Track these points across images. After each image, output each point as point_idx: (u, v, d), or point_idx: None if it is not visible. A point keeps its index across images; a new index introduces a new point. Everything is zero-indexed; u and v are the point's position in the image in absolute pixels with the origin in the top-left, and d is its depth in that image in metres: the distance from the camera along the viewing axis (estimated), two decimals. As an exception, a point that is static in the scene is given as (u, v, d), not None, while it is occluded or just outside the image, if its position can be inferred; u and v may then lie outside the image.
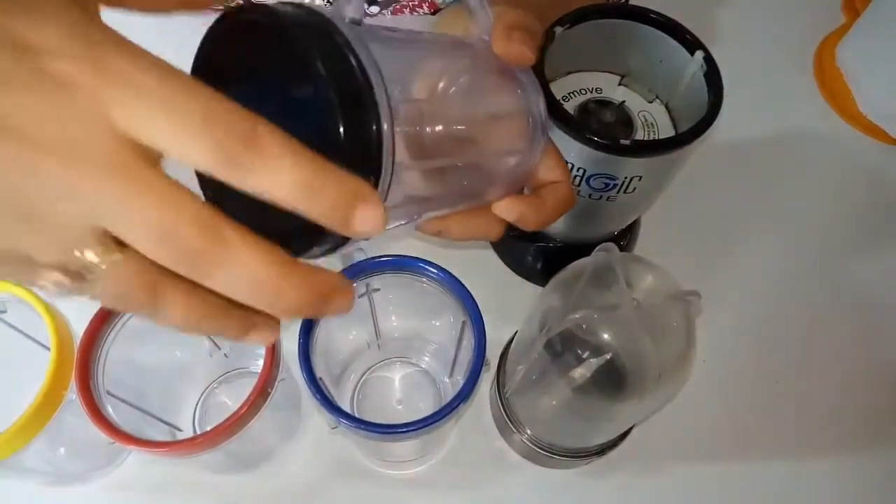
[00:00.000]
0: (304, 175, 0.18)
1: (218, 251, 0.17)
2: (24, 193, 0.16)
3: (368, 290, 0.40)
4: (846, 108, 0.60)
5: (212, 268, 0.18)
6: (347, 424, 0.33)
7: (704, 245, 0.54)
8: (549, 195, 0.33)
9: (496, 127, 0.33)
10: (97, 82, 0.16)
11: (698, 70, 0.37)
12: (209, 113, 0.17)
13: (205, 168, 0.17)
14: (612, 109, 0.41)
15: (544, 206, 0.33)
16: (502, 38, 0.30)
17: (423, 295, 0.39)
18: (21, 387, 0.37)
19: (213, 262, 0.18)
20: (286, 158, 0.18)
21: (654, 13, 0.38)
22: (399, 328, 0.46)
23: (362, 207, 0.19)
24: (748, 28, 0.65)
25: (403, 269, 0.38)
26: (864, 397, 0.49)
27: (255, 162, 0.17)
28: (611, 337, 0.34)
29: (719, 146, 0.57)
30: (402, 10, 0.61)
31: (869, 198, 0.57)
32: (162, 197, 0.17)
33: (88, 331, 0.35)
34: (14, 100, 0.16)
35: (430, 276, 0.37)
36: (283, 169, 0.18)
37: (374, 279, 0.39)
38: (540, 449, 0.43)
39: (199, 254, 0.17)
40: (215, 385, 0.47)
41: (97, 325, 0.35)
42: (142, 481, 0.44)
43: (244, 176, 0.17)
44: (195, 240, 0.17)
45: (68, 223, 0.17)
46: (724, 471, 0.46)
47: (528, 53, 0.30)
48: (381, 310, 0.43)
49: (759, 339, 0.50)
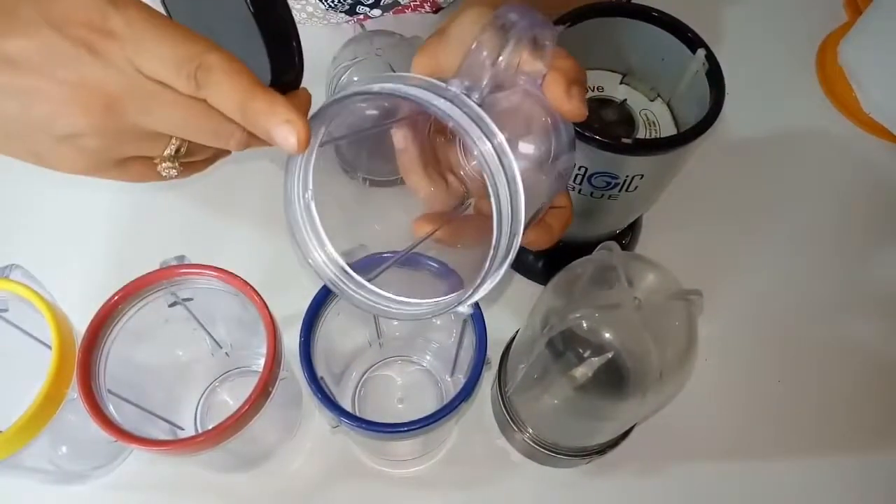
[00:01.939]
0: (238, 97, 0.24)
1: (228, 130, 0.26)
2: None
3: None
4: (848, 106, 0.60)
5: (226, 136, 0.26)
6: (348, 424, 0.33)
7: (706, 244, 0.54)
8: (556, 221, 0.34)
9: (532, 169, 0.33)
10: (112, 45, 0.24)
11: (700, 68, 0.37)
12: (177, 50, 0.24)
13: (175, 85, 0.24)
14: (613, 108, 0.41)
15: (551, 231, 0.34)
16: (563, 91, 0.30)
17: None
18: (22, 386, 0.37)
19: (226, 135, 0.26)
20: (225, 83, 0.24)
21: (656, 11, 0.38)
22: (400, 327, 0.46)
23: (286, 128, 0.25)
24: (750, 26, 0.65)
25: (405, 266, 0.38)
26: (867, 397, 0.48)
27: (205, 83, 0.24)
28: (612, 336, 0.34)
29: (721, 145, 0.57)
30: (403, 10, 0.61)
31: (871, 196, 0.57)
32: (195, 110, 0.26)
33: (90, 329, 0.35)
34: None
35: (432, 270, 0.37)
36: (223, 91, 0.24)
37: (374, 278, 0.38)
38: (541, 448, 0.43)
39: (217, 131, 0.26)
40: (217, 383, 0.47)
41: (99, 323, 0.35)
42: (143, 480, 0.44)
43: (198, 91, 0.24)
44: (214, 127, 0.26)
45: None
46: (725, 470, 0.45)
47: (584, 112, 0.30)
48: (382, 309, 0.43)
49: (760, 338, 0.50)
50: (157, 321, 0.39)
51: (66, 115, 0.24)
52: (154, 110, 0.25)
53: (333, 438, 0.45)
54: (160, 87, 0.24)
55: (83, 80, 0.24)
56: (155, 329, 0.39)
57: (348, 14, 0.59)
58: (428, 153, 0.32)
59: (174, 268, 0.37)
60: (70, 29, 0.23)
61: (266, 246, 0.52)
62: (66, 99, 0.24)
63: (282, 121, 0.25)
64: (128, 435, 0.33)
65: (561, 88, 0.29)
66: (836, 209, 0.56)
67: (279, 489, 0.44)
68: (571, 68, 0.30)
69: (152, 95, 0.24)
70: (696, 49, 0.37)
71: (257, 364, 0.47)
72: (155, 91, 0.24)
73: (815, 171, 0.58)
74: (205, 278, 0.37)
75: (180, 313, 0.40)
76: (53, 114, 0.24)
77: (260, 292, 0.36)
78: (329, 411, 0.33)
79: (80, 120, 0.24)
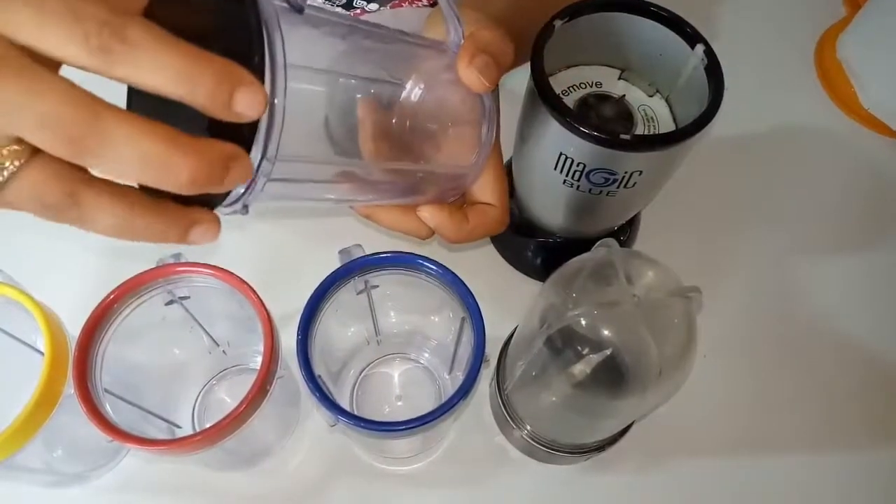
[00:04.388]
0: (176, 63, 0.19)
1: (99, 129, 0.19)
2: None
3: (367, 287, 0.40)
4: (847, 101, 0.60)
5: (98, 147, 0.19)
6: (346, 422, 0.33)
7: (705, 240, 0.54)
8: (476, 215, 0.35)
9: (442, 134, 0.34)
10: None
11: (699, 64, 0.37)
12: (77, 9, 0.18)
13: (77, 61, 0.18)
14: (611, 104, 0.40)
15: (465, 223, 0.34)
16: (465, 60, 0.31)
17: (422, 291, 0.39)
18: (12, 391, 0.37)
19: (98, 140, 0.19)
20: (154, 49, 0.19)
21: (655, 6, 0.38)
22: (398, 325, 0.46)
23: (240, 90, 0.20)
24: (749, 21, 0.65)
25: (402, 266, 0.38)
26: (868, 393, 0.48)
27: (125, 52, 0.18)
28: (611, 333, 0.33)
29: (720, 140, 0.57)
30: (400, 3, 0.61)
31: (869, 191, 0.57)
32: (44, 87, 0.18)
33: (86, 328, 0.35)
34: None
35: (430, 272, 0.37)
36: (152, 58, 0.19)
37: (372, 276, 0.38)
38: (540, 445, 0.43)
39: (84, 135, 0.19)
40: (214, 382, 0.47)
41: (95, 322, 0.35)
42: (140, 480, 0.44)
43: (112, 65, 0.19)
44: (76, 122, 0.18)
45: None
46: (724, 467, 0.45)
47: (483, 83, 0.31)
48: (379, 306, 0.43)
49: (760, 334, 0.50)
50: (154, 320, 0.39)
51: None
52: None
53: (332, 436, 0.45)
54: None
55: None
56: (151, 328, 0.39)
57: (345, 9, 0.59)
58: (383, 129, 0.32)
59: (171, 266, 0.37)
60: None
61: (263, 244, 0.52)
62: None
63: (246, 81, 0.20)
64: (125, 435, 0.32)
65: (464, 57, 0.31)
66: (834, 205, 0.56)
67: (278, 487, 0.44)
68: (484, 39, 0.31)
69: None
70: (694, 44, 0.37)
71: (255, 362, 0.47)
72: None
73: (814, 166, 0.58)
74: (202, 276, 0.37)
75: (177, 312, 0.40)
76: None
77: (257, 290, 0.36)
78: (327, 410, 0.33)
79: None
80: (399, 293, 0.42)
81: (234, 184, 0.21)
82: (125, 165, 0.19)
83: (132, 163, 0.19)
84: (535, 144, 0.39)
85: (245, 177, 0.22)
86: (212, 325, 0.43)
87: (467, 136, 0.34)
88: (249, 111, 0.20)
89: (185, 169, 0.20)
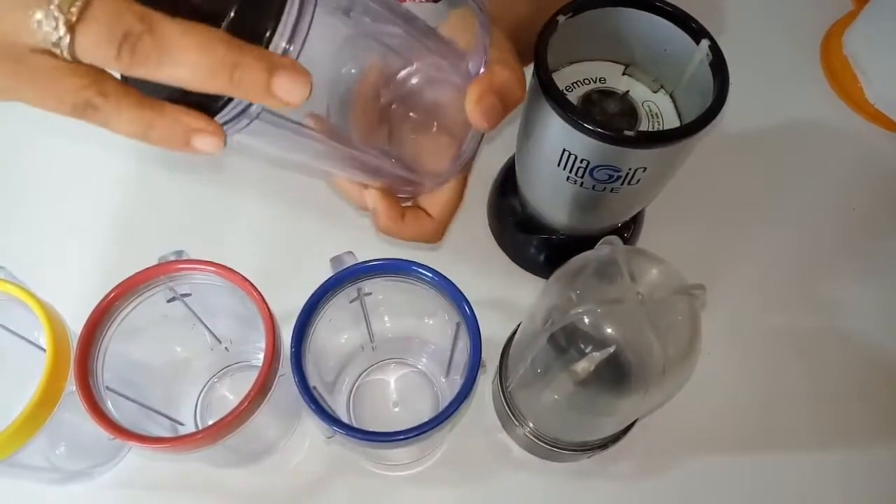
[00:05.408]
0: (214, 58, 0.20)
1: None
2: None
3: (360, 295, 0.39)
4: (853, 96, 0.59)
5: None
6: (343, 433, 0.33)
7: (709, 237, 0.53)
8: (412, 219, 0.36)
9: (422, 129, 0.34)
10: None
11: (703, 59, 0.37)
12: (116, 22, 0.19)
13: (118, 68, 0.20)
14: (616, 100, 0.40)
15: (399, 221, 0.35)
16: (475, 95, 0.31)
17: (416, 297, 0.38)
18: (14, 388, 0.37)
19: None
20: (190, 48, 0.20)
21: (659, 1, 0.38)
22: (392, 330, 0.45)
23: (280, 75, 0.21)
24: (754, 16, 0.64)
25: (396, 273, 0.37)
26: (873, 391, 0.48)
27: (160, 56, 0.20)
28: (614, 331, 0.33)
29: (725, 136, 0.56)
30: (402, -1, 0.60)
31: (876, 187, 0.57)
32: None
33: (87, 325, 0.35)
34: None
35: (424, 279, 0.36)
36: (188, 58, 0.20)
37: (365, 283, 0.38)
38: (543, 443, 0.42)
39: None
40: (216, 379, 0.47)
41: (96, 319, 0.35)
42: (143, 477, 0.44)
43: (153, 68, 0.20)
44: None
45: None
46: (727, 465, 0.45)
47: (484, 123, 0.31)
48: (373, 313, 0.42)
49: (764, 332, 0.50)
50: (156, 317, 0.39)
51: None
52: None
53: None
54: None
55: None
56: (153, 325, 0.39)
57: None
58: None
59: (172, 263, 0.36)
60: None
61: (265, 241, 0.52)
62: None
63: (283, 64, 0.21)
64: (126, 432, 0.32)
65: (475, 91, 0.30)
66: (840, 200, 0.56)
67: (280, 485, 0.44)
68: (501, 80, 0.31)
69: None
70: (699, 40, 0.37)
71: (257, 359, 0.47)
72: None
73: (820, 161, 0.57)
74: (203, 274, 0.37)
75: (179, 309, 0.40)
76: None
77: (259, 288, 0.36)
78: (323, 422, 0.33)
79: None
80: (393, 298, 0.41)
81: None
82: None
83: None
84: (538, 141, 0.39)
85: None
86: (213, 323, 0.43)
87: (443, 146, 0.34)
88: (292, 97, 0.21)
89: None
